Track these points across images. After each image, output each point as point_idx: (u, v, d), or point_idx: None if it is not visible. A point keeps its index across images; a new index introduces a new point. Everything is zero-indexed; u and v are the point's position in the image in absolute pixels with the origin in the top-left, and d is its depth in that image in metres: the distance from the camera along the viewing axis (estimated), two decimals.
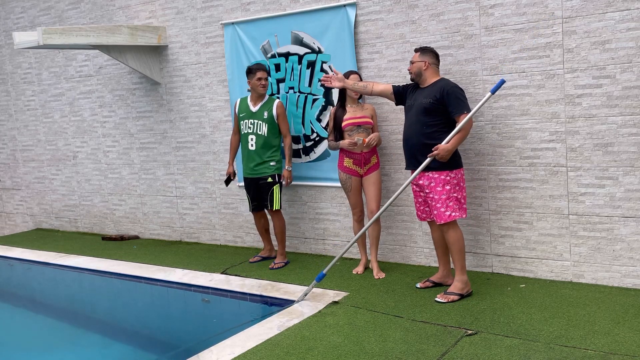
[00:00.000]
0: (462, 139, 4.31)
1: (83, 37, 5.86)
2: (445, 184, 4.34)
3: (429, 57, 4.46)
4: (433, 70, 4.47)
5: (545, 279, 4.71)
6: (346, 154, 5.08)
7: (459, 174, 4.42)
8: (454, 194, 4.37)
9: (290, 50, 5.72)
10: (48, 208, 8.35)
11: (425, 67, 4.44)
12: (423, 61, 4.44)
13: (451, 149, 4.26)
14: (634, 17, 4.14)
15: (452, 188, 4.36)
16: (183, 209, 6.90)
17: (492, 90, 4.21)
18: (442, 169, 4.34)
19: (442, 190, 4.34)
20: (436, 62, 4.50)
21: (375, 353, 3.60)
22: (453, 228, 4.39)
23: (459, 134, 4.25)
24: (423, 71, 4.45)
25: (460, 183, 4.42)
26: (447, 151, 4.25)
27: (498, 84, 4.22)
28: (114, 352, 4.41)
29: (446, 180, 4.34)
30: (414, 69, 4.48)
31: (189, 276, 5.56)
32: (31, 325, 5.21)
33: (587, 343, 3.54)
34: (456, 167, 4.39)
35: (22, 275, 6.80)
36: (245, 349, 3.78)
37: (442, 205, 4.34)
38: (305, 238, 5.99)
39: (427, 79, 4.46)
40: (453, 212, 4.34)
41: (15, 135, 8.41)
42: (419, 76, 4.48)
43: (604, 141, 4.36)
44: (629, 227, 4.35)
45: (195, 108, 6.54)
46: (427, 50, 4.49)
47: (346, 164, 5.09)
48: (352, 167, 5.08)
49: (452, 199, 4.34)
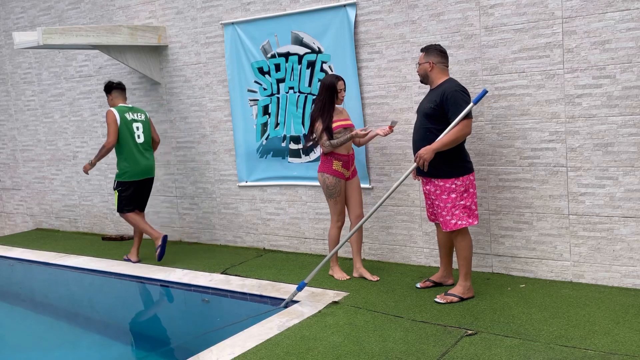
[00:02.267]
0: (449, 143, 4.13)
1: (83, 37, 5.86)
2: (451, 192, 4.25)
3: (434, 56, 4.30)
4: (440, 70, 4.31)
5: (545, 279, 4.71)
6: (336, 156, 4.88)
7: (467, 180, 4.27)
8: (461, 201, 4.25)
9: (290, 50, 5.72)
10: (48, 208, 8.35)
11: (431, 68, 4.29)
12: (427, 62, 4.30)
13: (434, 149, 4.13)
14: (634, 17, 4.14)
15: (459, 196, 4.24)
16: (183, 209, 6.90)
17: (475, 100, 4.12)
18: (448, 176, 4.24)
19: (447, 198, 4.26)
20: (443, 61, 4.32)
21: (375, 353, 3.60)
22: (462, 235, 4.32)
23: (445, 137, 4.12)
24: (429, 73, 4.31)
25: (469, 189, 4.28)
26: (429, 151, 4.14)
27: (480, 94, 4.13)
28: (114, 352, 4.41)
29: (452, 188, 4.24)
30: (420, 71, 4.36)
31: (189, 276, 5.56)
32: (31, 325, 5.21)
33: (587, 343, 3.54)
34: (463, 173, 4.25)
35: (22, 275, 6.80)
36: (245, 349, 3.78)
37: (448, 213, 4.27)
38: (305, 238, 5.99)
39: (434, 80, 4.32)
40: (459, 220, 4.25)
41: (15, 135, 8.41)
42: (426, 78, 4.35)
43: (604, 141, 4.36)
44: (629, 227, 4.35)
45: (195, 108, 6.54)
46: (432, 49, 4.32)
47: (335, 167, 4.89)
48: (341, 170, 4.90)
49: (458, 207, 4.25)
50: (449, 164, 4.23)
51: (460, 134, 4.15)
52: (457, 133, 4.14)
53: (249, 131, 6.14)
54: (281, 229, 6.14)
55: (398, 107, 5.19)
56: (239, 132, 6.21)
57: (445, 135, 4.14)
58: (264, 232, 6.29)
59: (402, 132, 5.16)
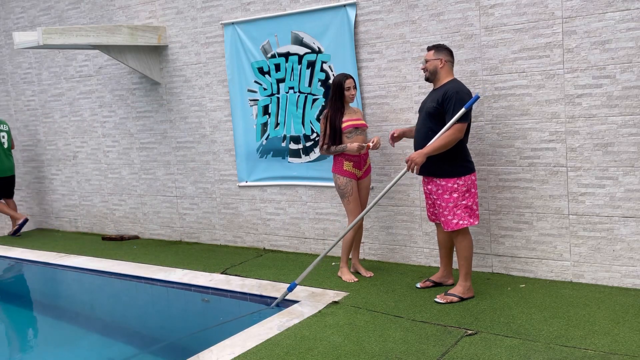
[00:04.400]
0: (440, 147, 4.12)
1: (83, 37, 5.86)
2: (453, 192, 4.25)
3: (445, 54, 4.29)
4: (448, 69, 4.30)
5: (545, 279, 4.71)
6: (346, 157, 4.91)
7: (469, 180, 4.27)
8: (463, 201, 4.25)
9: (290, 50, 5.72)
10: (48, 208, 8.36)
11: (442, 65, 4.27)
12: (439, 59, 4.28)
13: (426, 153, 4.14)
14: (634, 17, 4.14)
15: (461, 195, 4.25)
16: (183, 209, 6.90)
17: (466, 106, 4.10)
18: (449, 176, 4.23)
19: (449, 198, 4.26)
20: (451, 60, 4.34)
21: (375, 353, 3.60)
22: (463, 234, 4.32)
23: (437, 141, 4.12)
24: (439, 69, 4.28)
25: (470, 189, 4.28)
26: (420, 155, 4.14)
27: (473, 99, 4.12)
28: (114, 352, 4.41)
29: (453, 188, 4.24)
30: (430, 68, 4.31)
31: (189, 276, 5.56)
32: (31, 325, 5.21)
33: (587, 343, 3.54)
34: (465, 173, 4.25)
35: (22, 275, 6.80)
36: (245, 349, 3.78)
37: (450, 213, 4.27)
38: (305, 238, 5.99)
39: (441, 78, 4.30)
40: (460, 220, 4.25)
41: (15, 135, 8.41)
42: (434, 75, 4.31)
43: (604, 141, 4.36)
44: (629, 227, 4.35)
45: (195, 108, 6.54)
46: (441, 47, 4.32)
47: (346, 167, 4.92)
48: (352, 170, 4.92)
49: (459, 207, 4.25)
50: (451, 164, 4.24)
51: (451, 138, 4.14)
52: (448, 137, 4.13)
53: (249, 131, 6.15)
54: (281, 229, 6.14)
55: (398, 107, 5.19)
56: (239, 132, 6.21)
57: (436, 139, 4.15)
58: (264, 232, 6.29)
59: None
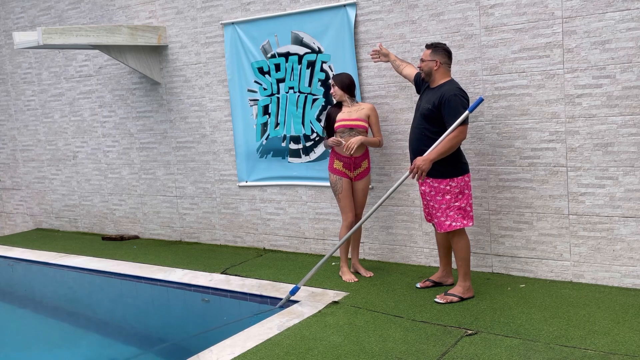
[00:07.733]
0: (445, 151, 4.10)
1: (83, 37, 5.86)
2: (445, 193, 4.23)
3: (441, 56, 4.26)
4: (444, 71, 4.27)
5: (545, 279, 4.71)
6: (337, 156, 4.94)
7: (462, 181, 4.25)
8: (455, 203, 4.23)
9: (290, 50, 5.72)
10: (48, 208, 8.36)
11: (437, 67, 4.25)
12: (434, 60, 4.25)
13: (431, 159, 4.10)
14: (634, 17, 4.14)
15: (454, 197, 4.23)
16: (183, 209, 6.90)
17: (470, 108, 4.08)
18: (442, 176, 4.21)
19: (442, 199, 4.25)
20: (448, 62, 4.29)
21: (375, 353, 3.60)
22: (459, 235, 4.31)
23: (440, 145, 4.09)
24: (434, 71, 4.26)
25: (464, 190, 4.25)
26: (426, 161, 4.11)
27: (476, 102, 4.10)
28: (114, 352, 4.41)
29: (446, 189, 4.22)
30: (425, 69, 4.29)
31: (189, 276, 5.56)
32: (31, 325, 5.21)
33: (587, 343, 3.54)
34: (458, 174, 4.23)
35: (22, 275, 6.80)
36: (245, 349, 3.78)
37: (442, 214, 4.26)
38: (305, 238, 5.99)
39: (436, 79, 4.28)
40: (454, 221, 4.24)
41: (15, 135, 8.41)
42: (429, 76, 4.30)
43: (604, 141, 4.36)
44: (629, 227, 4.35)
45: (195, 108, 6.54)
46: (439, 48, 4.27)
47: (336, 166, 4.95)
48: (342, 170, 4.93)
49: (453, 209, 4.23)
50: (444, 165, 4.20)
51: (455, 141, 4.12)
52: (453, 140, 4.11)
53: (249, 131, 6.15)
54: (281, 229, 6.15)
55: (398, 107, 5.19)
56: (239, 132, 6.21)
57: (440, 143, 4.11)
58: (264, 232, 6.29)
59: (402, 132, 5.16)
